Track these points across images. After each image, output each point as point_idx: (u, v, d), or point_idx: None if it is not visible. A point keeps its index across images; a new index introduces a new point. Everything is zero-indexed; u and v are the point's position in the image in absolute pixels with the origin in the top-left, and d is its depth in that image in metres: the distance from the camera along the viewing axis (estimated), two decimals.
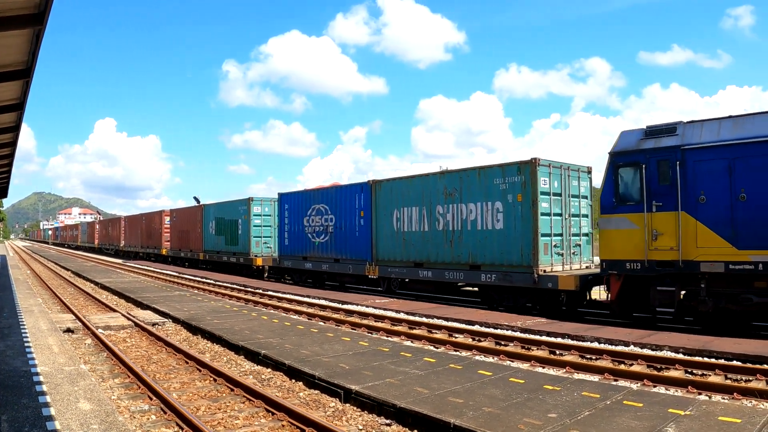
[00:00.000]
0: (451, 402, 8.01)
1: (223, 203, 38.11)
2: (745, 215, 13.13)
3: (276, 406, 8.36)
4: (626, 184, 14.96)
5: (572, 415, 7.45)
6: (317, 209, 27.22)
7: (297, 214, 28.68)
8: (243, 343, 12.68)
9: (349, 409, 8.53)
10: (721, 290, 13.56)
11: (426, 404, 7.89)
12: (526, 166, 17.52)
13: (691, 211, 13.86)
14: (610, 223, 15.17)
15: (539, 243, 17.19)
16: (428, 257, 20.89)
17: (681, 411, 7.62)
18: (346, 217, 25.38)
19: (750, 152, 13.09)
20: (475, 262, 19.04)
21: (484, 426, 6.94)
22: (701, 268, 13.61)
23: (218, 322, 15.91)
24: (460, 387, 8.88)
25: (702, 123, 14.14)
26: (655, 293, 14.35)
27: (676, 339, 12.94)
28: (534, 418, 7.31)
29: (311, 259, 27.50)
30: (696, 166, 13.82)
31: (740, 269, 13.10)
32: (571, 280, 16.40)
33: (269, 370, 11.00)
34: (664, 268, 14.17)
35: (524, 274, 17.40)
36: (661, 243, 14.25)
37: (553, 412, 7.53)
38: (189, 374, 10.82)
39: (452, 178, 20.06)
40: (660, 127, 14.67)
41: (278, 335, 13.72)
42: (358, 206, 24.61)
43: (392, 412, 7.97)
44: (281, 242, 30.24)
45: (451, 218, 19.99)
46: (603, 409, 7.75)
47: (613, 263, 15.06)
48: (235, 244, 35.42)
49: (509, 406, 7.83)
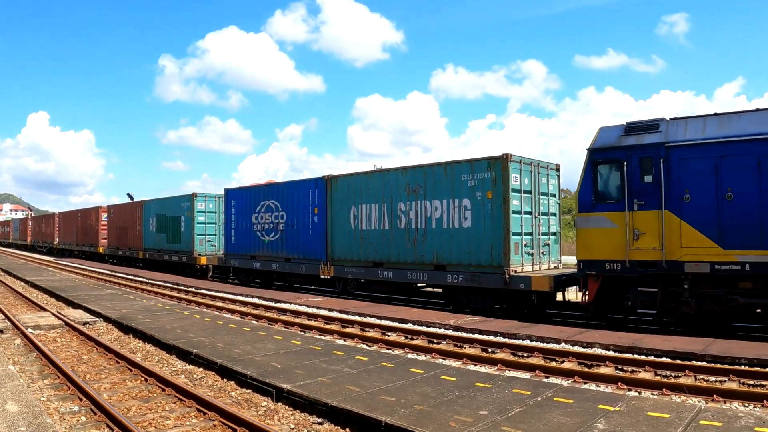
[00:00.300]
0: (383, 400, 7.91)
1: (165, 199, 35.77)
2: (732, 215, 12.49)
3: (207, 405, 8.19)
4: (606, 182, 14.08)
5: (503, 412, 7.41)
6: (267, 206, 25.51)
7: (245, 210, 26.87)
8: (175, 343, 12.37)
9: (281, 408, 8.41)
10: (705, 291, 12.90)
11: (358, 402, 7.79)
12: (497, 162, 16.40)
13: (675, 210, 13.10)
14: (588, 222, 14.21)
15: (510, 242, 16.09)
16: (389, 257, 19.55)
17: (611, 407, 7.60)
18: (298, 215, 23.76)
19: (738, 151, 12.45)
20: (440, 262, 17.82)
21: (415, 424, 6.85)
22: (686, 268, 12.89)
23: (150, 321, 15.48)
24: (392, 385, 8.76)
25: (686, 120, 13.41)
26: (637, 294, 13.57)
27: (607, 336, 12.81)
28: (465, 415, 7.24)
29: (260, 259, 25.78)
30: (681, 164, 13.08)
31: (726, 270, 12.47)
32: (545, 281, 15.37)
33: (201, 370, 10.75)
34: (646, 269, 13.38)
35: (494, 275, 16.27)
36: (643, 243, 13.42)
37: (484, 410, 7.49)
38: (120, 374, 10.55)
39: (416, 173, 18.77)
40: (641, 123, 13.89)
41: (210, 334, 13.41)
42: (312, 203, 23.04)
43: (324, 411, 7.86)
44: (227, 240, 28.37)
45: (414, 216, 18.71)
46: (533, 405, 7.71)
47: (591, 263, 14.13)
48: (178, 242, 33.23)
49: (440, 404, 7.76)
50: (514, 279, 15.89)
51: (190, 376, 10.38)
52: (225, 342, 12.39)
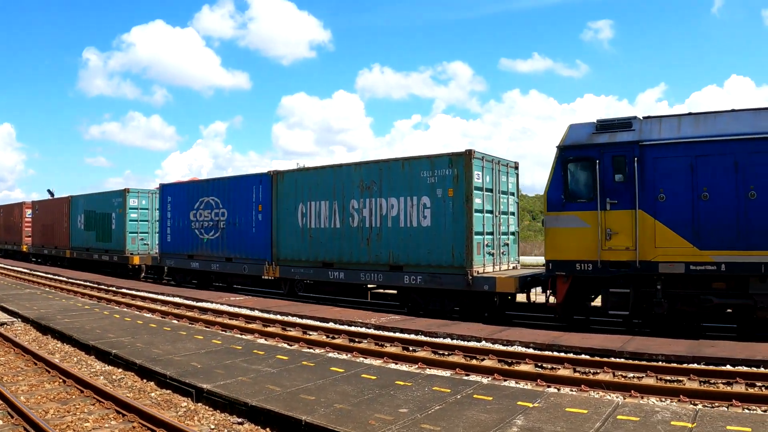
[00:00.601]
0: (303, 399, 7.79)
1: (95, 195, 33.17)
2: (708, 215, 12.02)
3: (127, 407, 7.94)
4: (577, 180, 13.34)
5: (423, 409, 7.33)
6: (206, 202, 23.72)
7: (182, 207, 24.92)
8: (94, 343, 11.97)
9: (201, 408, 8.21)
10: (678, 292, 12.39)
11: (278, 402, 7.66)
12: (460, 159, 15.36)
13: (649, 210, 12.50)
14: (558, 221, 13.38)
15: (473, 242, 15.08)
16: (340, 257, 18.24)
17: (529, 403, 7.57)
18: (241, 212, 22.09)
19: (715, 150, 12.01)
20: (396, 262, 16.65)
21: (335, 422, 6.76)
22: (660, 269, 12.33)
23: (69, 321, 14.85)
24: (312, 384, 8.63)
25: (660, 119, 12.84)
26: (608, 295, 12.88)
27: (527, 334, 12.68)
28: (385, 413, 7.16)
29: (198, 258, 23.94)
30: (656, 163, 12.50)
31: (702, 270, 12.01)
32: (511, 282, 14.43)
33: (121, 371, 10.46)
34: (618, 269, 12.72)
35: (456, 276, 15.22)
36: (616, 243, 12.72)
37: (404, 407, 7.42)
38: (38, 376, 10.12)
39: (370, 169, 17.52)
40: (612, 121, 13.23)
41: (130, 334, 13.03)
42: (256, 199, 21.45)
43: (244, 411, 7.70)
44: (163, 239, 26.32)
45: (368, 214, 17.47)
46: (453, 403, 7.65)
47: (560, 264, 13.33)
48: (108, 240, 30.80)
49: (361, 402, 7.65)
50: (477, 280, 14.89)
51: (110, 377, 10.09)
52: (145, 342, 12.06)
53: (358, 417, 7.00)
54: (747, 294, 11.78)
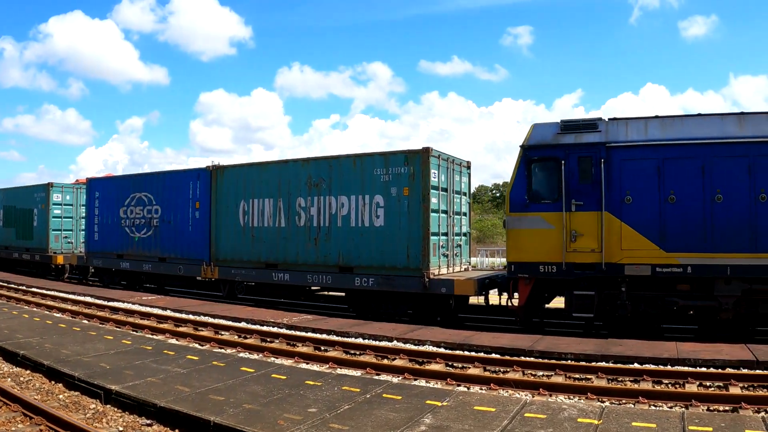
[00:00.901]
0: (212, 399, 7.64)
1: (15, 189, 30.52)
2: (675, 217, 11.74)
3: (34, 409, 7.64)
4: (541, 181, 12.77)
5: (332, 409, 7.24)
6: (138, 198, 21.92)
7: (112, 203, 22.94)
8: (1, 344, 11.47)
9: (110, 410, 7.95)
10: (642, 294, 12.04)
11: (187, 403, 7.48)
12: (417, 156, 14.44)
13: (615, 212, 12.05)
14: (521, 222, 12.69)
15: (430, 243, 14.20)
16: (285, 257, 17.00)
17: (438, 402, 7.51)
18: (176, 209, 20.44)
19: (682, 154, 11.77)
20: (347, 263, 15.57)
21: (243, 423, 6.65)
22: (626, 271, 11.94)
23: None
24: (222, 384, 8.45)
25: (627, 121, 12.43)
26: (573, 298, 12.34)
27: (439, 334, 12.52)
28: (294, 413, 7.07)
29: (129, 258, 22.08)
30: (623, 165, 12.12)
31: (668, 272, 11.73)
32: (470, 285, 13.64)
33: (29, 372, 10.06)
34: (584, 271, 12.22)
35: (411, 278, 14.30)
36: (581, 244, 12.19)
37: (314, 407, 7.33)
38: None
39: (319, 166, 16.37)
40: (577, 122, 12.74)
41: (39, 334, 12.54)
42: (193, 196, 19.88)
43: (153, 412, 7.48)
44: (90, 237, 24.23)
45: (316, 213, 16.31)
46: (362, 402, 7.56)
47: (523, 266, 12.70)
48: (30, 238, 28.30)
49: (270, 402, 7.54)
50: (433, 283, 14.01)
51: (17, 378, 9.68)
52: (54, 342, 11.64)
53: (267, 417, 6.91)
54: (712, 296, 11.60)
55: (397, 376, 9.64)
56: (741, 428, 6.50)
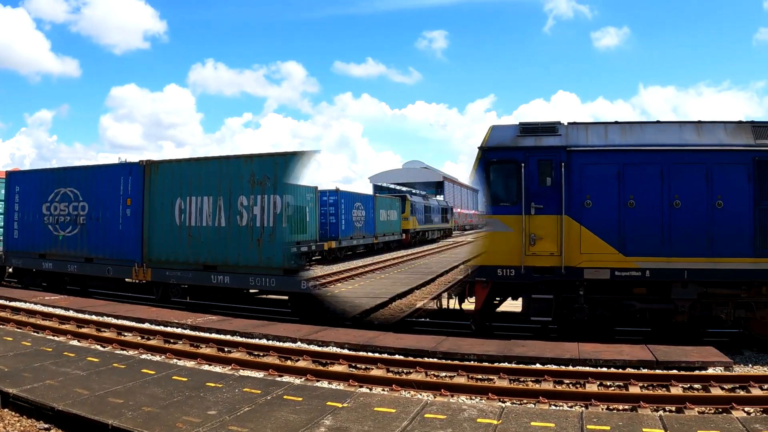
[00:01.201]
0: (111, 402, 7.51)
1: None
2: (634, 222, 11.69)
3: None
4: (500, 184, 12.44)
5: (232, 411, 7.19)
6: (63, 194, 20.12)
7: (33, 199, 20.92)
8: None
9: (7, 414, 7.76)
10: (600, 297, 11.90)
11: (85, 406, 7.37)
12: None
13: (575, 216, 11.85)
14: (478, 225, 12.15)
15: None
16: (225, 259, 15.86)
17: (339, 403, 7.48)
18: (105, 206, 18.79)
19: (642, 159, 11.77)
20: (293, 266, 14.65)
21: (141, 426, 6.60)
22: (585, 274, 11.77)
23: None
24: (122, 387, 8.29)
25: (586, 126, 12.37)
26: (530, 301, 12.02)
27: (343, 335, 12.32)
28: (193, 415, 6.99)
29: (52, 258, 20.21)
30: (583, 170, 11.95)
31: (627, 276, 11.65)
32: None
33: None
34: (543, 275, 11.94)
35: None
36: (540, 248, 11.91)
37: (213, 409, 7.26)
38: None
39: (264, 163, 15.35)
40: (536, 125, 12.49)
41: None
42: (124, 192, 18.34)
43: (51, 416, 7.39)
44: (8, 235, 22.07)
45: (260, 212, 15.27)
46: (263, 404, 7.52)
47: (480, 269, 12.28)
48: None
49: (170, 405, 7.43)
50: None
51: None
52: None
53: (165, 420, 6.84)
54: (669, 299, 11.61)
55: (300, 378, 9.52)
56: (638, 427, 6.56)
